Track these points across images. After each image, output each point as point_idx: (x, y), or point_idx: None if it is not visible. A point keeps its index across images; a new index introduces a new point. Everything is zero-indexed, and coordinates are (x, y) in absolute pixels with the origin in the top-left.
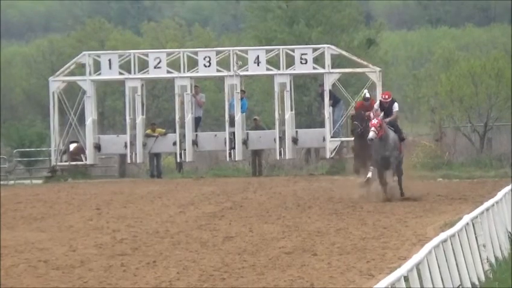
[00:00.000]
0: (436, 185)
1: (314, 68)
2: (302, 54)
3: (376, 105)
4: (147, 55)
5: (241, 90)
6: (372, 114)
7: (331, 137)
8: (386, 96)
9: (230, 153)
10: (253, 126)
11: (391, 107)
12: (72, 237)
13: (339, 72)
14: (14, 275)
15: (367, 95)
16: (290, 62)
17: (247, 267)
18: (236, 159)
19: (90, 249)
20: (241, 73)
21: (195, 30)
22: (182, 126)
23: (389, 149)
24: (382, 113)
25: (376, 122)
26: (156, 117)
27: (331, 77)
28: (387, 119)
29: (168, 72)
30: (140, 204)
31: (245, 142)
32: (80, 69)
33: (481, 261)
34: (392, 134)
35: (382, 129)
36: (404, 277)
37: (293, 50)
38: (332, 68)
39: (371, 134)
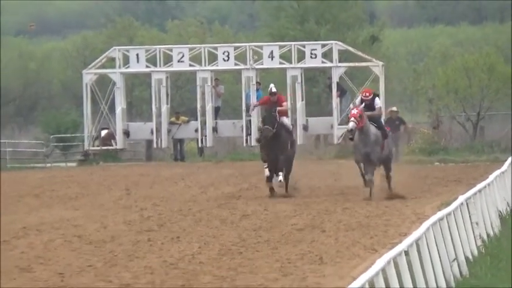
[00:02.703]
0: (434, 168)
1: (323, 62)
2: (312, 50)
3: (358, 101)
4: (171, 50)
5: (257, 82)
6: (351, 105)
7: (338, 125)
8: (367, 94)
9: (247, 139)
10: None
11: (373, 103)
12: (104, 214)
13: (345, 66)
14: (52, 248)
15: (274, 90)
16: (301, 56)
17: (262, 242)
18: (252, 145)
19: (120, 226)
20: (257, 67)
21: (214, 28)
22: (203, 114)
23: (370, 144)
24: (363, 104)
25: (356, 112)
26: (179, 106)
27: (338, 71)
28: (368, 113)
29: (191, 65)
30: (165, 185)
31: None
32: (111, 62)
33: (474, 237)
34: (374, 130)
35: (363, 119)
36: (405, 251)
37: (304, 46)
38: (339, 62)
39: (350, 125)
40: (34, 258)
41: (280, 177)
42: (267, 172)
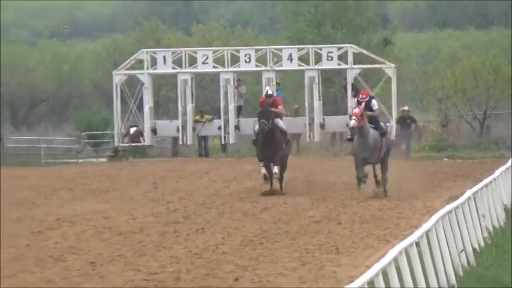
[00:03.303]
0: (443, 164)
1: (338, 64)
2: (328, 52)
3: (354, 103)
4: (196, 52)
5: (277, 83)
6: (353, 105)
7: None
8: (364, 96)
9: None
10: (293, 113)
11: (370, 104)
12: (133, 207)
13: (360, 68)
14: (84, 239)
15: (270, 92)
16: (318, 59)
17: (282, 233)
18: None
19: (148, 218)
20: (277, 68)
21: (237, 31)
22: (226, 113)
23: (369, 148)
24: (363, 104)
25: (357, 111)
26: (203, 105)
27: (353, 72)
28: (369, 113)
29: (214, 67)
30: (190, 179)
31: None
32: (139, 64)
33: (481, 229)
34: (373, 133)
35: (364, 118)
36: (416, 242)
37: (321, 49)
38: (354, 64)
39: (352, 122)
40: (67, 248)
41: (276, 170)
42: (263, 170)
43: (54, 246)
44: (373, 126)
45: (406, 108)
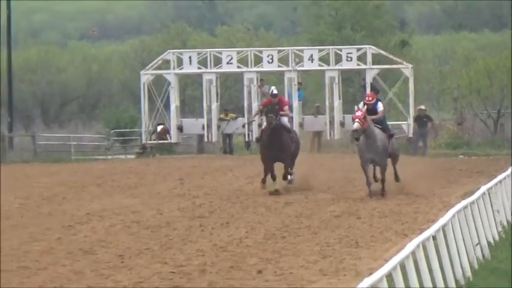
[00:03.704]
0: (458, 161)
1: (358, 65)
2: (348, 53)
3: (361, 105)
4: (220, 53)
5: (298, 83)
6: (355, 108)
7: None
8: (370, 98)
9: None
10: (314, 112)
11: (375, 107)
12: (160, 202)
13: (378, 68)
14: (112, 233)
15: (275, 92)
16: (338, 59)
17: (303, 227)
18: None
19: (174, 212)
20: (298, 68)
21: (260, 33)
22: (250, 111)
23: (375, 149)
24: (365, 106)
25: (360, 114)
26: (228, 104)
27: (371, 72)
28: (373, 117)
29: (238, 67)
30: (215, 175)
31: (301, 125)
32: (166, 64)
33: (495, 223)
34: (379, 134)
35: (367, 121)
36: (433, 236)
37: (340, 50)
38: (372, 64)
39: (355, 125)
40: (96, 242)
41: (289, 178)
42: (264, 174)
43: (84, 239)
44: (380, 127)
45: (422, 107)
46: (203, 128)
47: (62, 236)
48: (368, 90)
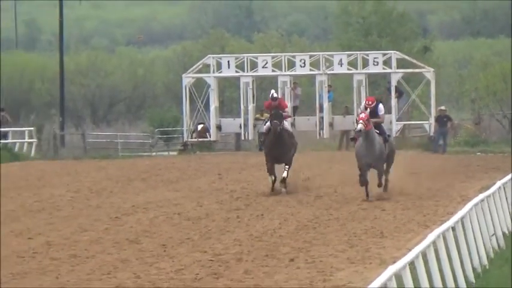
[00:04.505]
0: (476, 158)
1: (383, 69)
2: (374, 58)
3: (362, 108)
4: (256, 58)
5: (328, 85)
6: (359, 110)
7: (396, 121)
8: (370, 102)
9: (320, 133)
10: (343, 112)
11: (376, 110)
12: (200, 195)
13: (402, 72)
14: (156, 224)
15: (275, 95)
16: (365, 64)
17: (333, 219)
18: (324, 137)
19: (213, 205)
20: (328, 72)
21: (293, 39)
22: None
23: (372, 153)
24: (368, 109)
25: (364, 116)
26: (263, 105)
27: (396, 76)
28: (373, 120)
29: (273, 71)
30: (251, 171)
31: (331, 124)
32: (206, 68)
33: (510, 215)
34: (378, 140)
35: (370, 123)
36: (452, 227)
37: (367, 55)
38: (397, 68)
39: (359, 126)
40: (141, 232)
41: (284, 174)
42: (270, 179)
43: (130, 230)
44: (377, 131)
45: (443, 107)
46: (240, 127)
47: (109, 227)
48: (393, 93)
